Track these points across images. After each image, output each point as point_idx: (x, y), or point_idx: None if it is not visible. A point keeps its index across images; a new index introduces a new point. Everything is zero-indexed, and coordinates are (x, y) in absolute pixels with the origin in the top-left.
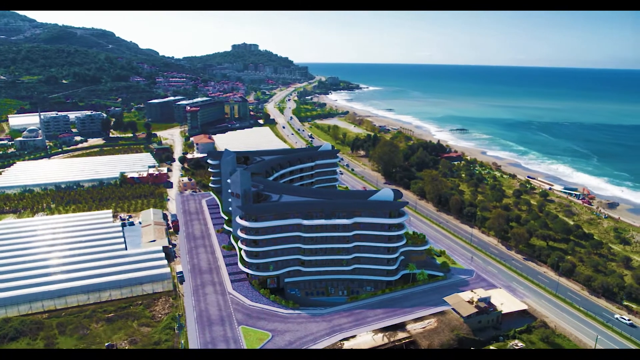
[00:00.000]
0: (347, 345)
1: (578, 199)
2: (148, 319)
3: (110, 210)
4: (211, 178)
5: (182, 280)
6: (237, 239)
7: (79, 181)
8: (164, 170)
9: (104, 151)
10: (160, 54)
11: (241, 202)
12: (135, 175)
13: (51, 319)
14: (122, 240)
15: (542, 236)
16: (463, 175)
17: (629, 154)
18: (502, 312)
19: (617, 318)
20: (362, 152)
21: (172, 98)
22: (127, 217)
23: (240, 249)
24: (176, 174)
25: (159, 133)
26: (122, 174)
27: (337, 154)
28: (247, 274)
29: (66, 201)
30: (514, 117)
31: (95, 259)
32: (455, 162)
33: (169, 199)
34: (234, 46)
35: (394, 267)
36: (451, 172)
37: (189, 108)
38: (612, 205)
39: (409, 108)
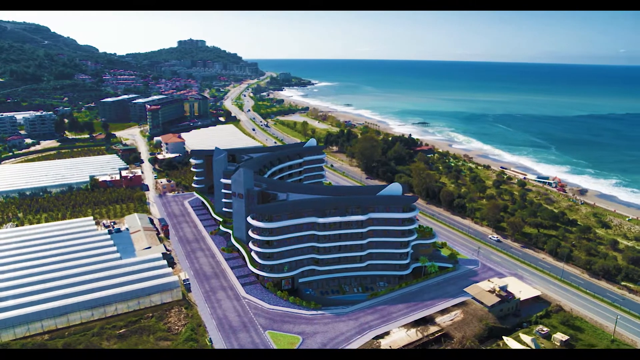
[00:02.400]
0: (383, 343)
1: (552, 187)
2: (164, 332)
3: (91, 217)
4: (194, 178)
5: (189, 287)
6: (239, 240)
7: (46, 187)
8: (138, 172)
9: (61, 154)
10: (101, 50)
11: (245, 202)
12: (107, 178)
13: (55, 340)
14: (115, 249)
15: (535, 224)
16: (440, 167)
17: (581, 143)
18: (520, 300)
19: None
20: (334, 148)
21: (125, 96)
22: (111, 223)
23: (247, 251)
24: (149, 176)
25: (118, 133)
26: (92, 177)
27: (322, 150)
28: (258, 276)
29: (35, 209)
30: (469, 110)
31: (90, 271)
32: (429, 155)
33: (149, 203)
34: (180, 42)
35: (406, 262)
36: (429, 165)
37: (149, 106)
38: (582, 191)
39: (366, 103)
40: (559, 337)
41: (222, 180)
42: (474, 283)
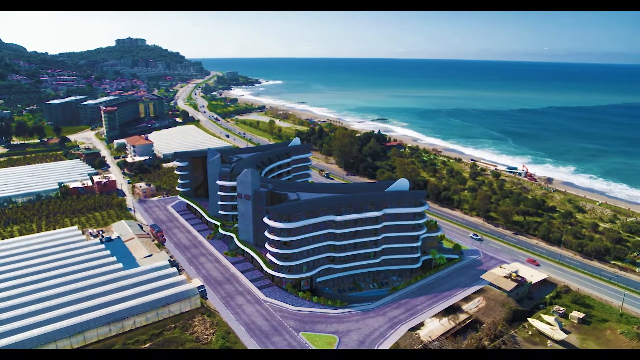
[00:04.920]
0: (421, 334)
1: (523, 176)
2: (193, 342)
3: (76, 227)
4: (179, 181)
5: (204, 294)
6: (246, 243)
7: (10, 196)
8: (112, 177)
9: (13, 161)
10: (29, 49)
11: (252, 203)
12: (79, 184)
13: None
14: (114, 258)
15: (521, 212)
16: (415, 162)
17: (534, 135)
18: (532, 283)
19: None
20: None
21: (72, 98)
22: (99, 232)
23: (258, 253)
24: (120, 181)
25: (71, 137)
26: (61, 184)
27: (309, 149)
28: (273, 277)
29: (4, 221)
30: (422, 106)
31: (96, 284)
32: (401, 150)
33: (131, 209)
34: (118, 41)
35: (417, 255)
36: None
37: (104, 108)
38: (549, 180)
39: (320, 100)
40: (576, 315)
41: (219, 182)
42: (481, 272)
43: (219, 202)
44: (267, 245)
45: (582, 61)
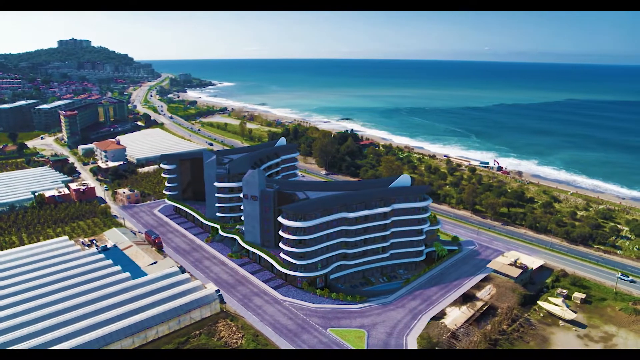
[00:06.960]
0: (447, 322)
1: (496, 170)
2: (223, 347)
3: (66, 237)
4: (166, 185)
5: (221, 299)
6: (253, 244)
7: None
8: (90, 183)
9: None
10: None
11: (259, 204)
12: (55, 193)
13: None
14: (119, 268)
15: (506, 204)
16: (392, 159)
17: (494, 131)
18: (533, 269)
19: (619, 277)
20: None
21: (23, 102)
22: (92, 241)
23: (267, 253)
24: (97, 187)
25: (28, 143)
26: (35, 193)
27: (296, 149)
28: (286, 277)
29: None
30: (382, 105)
31: (107, 295)
32: (376, 149)
33: (117, 216)
34: (60, 42)
35: (422, 248)
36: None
37: (65, 112)
38: (520, 173)
39: (280, 101)
40: (578, 295)
41: (216, 184)
42: (482, 261)
43: (217, 204)
44: (281, 244)
45: (521, 60)
